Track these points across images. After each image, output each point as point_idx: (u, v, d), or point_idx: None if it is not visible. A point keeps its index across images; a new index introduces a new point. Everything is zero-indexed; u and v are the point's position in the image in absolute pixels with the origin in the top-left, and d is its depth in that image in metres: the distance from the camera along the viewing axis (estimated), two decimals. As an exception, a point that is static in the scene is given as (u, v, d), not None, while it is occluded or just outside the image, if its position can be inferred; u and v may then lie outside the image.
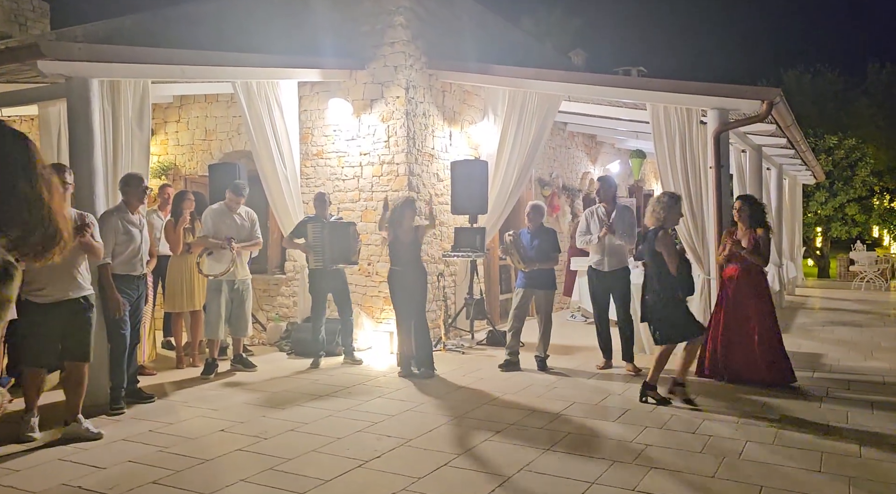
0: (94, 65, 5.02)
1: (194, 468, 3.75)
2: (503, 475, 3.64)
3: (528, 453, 3.99)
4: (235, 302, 6.12)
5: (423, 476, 3.63)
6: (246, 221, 6.23)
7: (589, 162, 12.49)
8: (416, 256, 6.13)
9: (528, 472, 3.68)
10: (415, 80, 7.40)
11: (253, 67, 6.45)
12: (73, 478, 3.59)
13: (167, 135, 8.92)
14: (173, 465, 3.80)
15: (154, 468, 3.75)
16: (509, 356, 6.32)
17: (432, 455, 3.97)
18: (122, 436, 4.33)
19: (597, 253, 6.30)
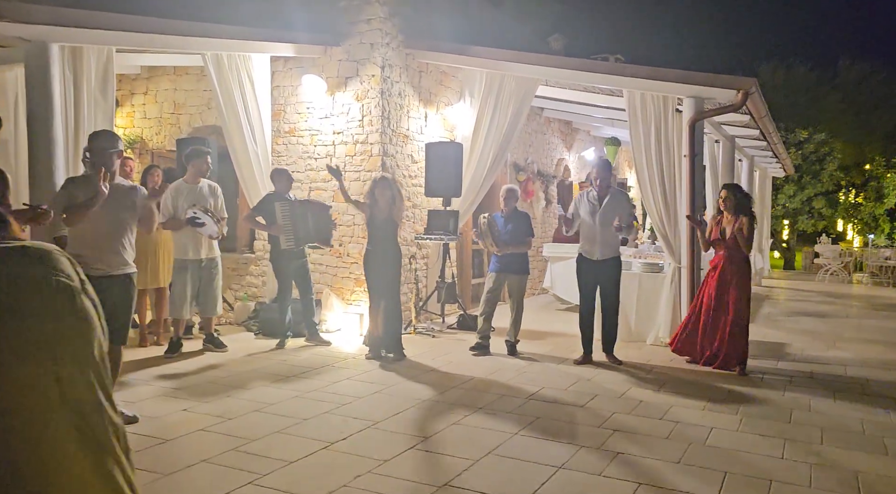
0: (55, 29, 4.81)
1: (155, 447, 3.65)
2: (470, 458, 3.60)
3: (496, 437, 3.96)
4: (204, 280, 5.95)
5: (388, 458, 3.58)
6: (209, 196, 5.94)
7: (564, 148, 12.48)
8: (392, 235, 6.01)
9: (495, 456, 3.66)
10: (391, 58, 7.27)
11: (224, 39, 6.25)
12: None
13: (133, 108, 8.66)
14: (133, 444, 3.67)
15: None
16: (480, 339, 6.29)
17: (399, 437, 3.92)
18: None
19: (587, 240, 5.95)
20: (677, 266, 6.72)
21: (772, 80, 24.53)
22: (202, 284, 5.95)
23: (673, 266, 6.76)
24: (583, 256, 6.00)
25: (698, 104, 6.58)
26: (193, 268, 5.88)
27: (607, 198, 5.92)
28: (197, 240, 5.84)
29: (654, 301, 6.88)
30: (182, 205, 5.71)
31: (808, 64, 25.96)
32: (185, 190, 5.78)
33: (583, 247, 6.01)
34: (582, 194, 6.14)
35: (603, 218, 5.84)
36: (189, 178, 5.85)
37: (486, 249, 6.35)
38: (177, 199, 5.73)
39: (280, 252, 6.28)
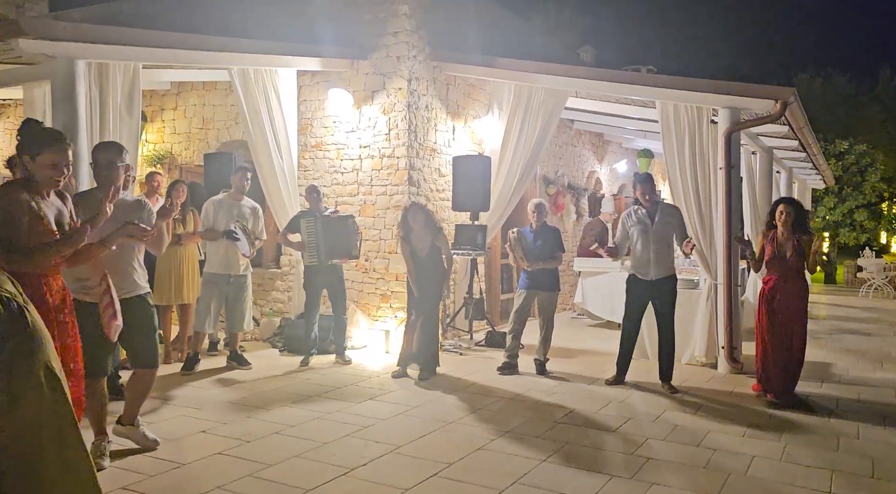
0: (80, 45, 4.82)
1: (169, 472, 3.55)
2: (495, 488, 3.43)
3: (523, 464, 3.78)
4: (231, 296, 5.90)
5: (409, 487, 3.42)
6: (249, 216, 5.96)
7: (595, 160, 12.25)
8: (437, 258, 5.88)
9: (521, 485, 3.47)
10: (418, 71, 7.18)
11: (250, 53, 6.22)
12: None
13: (164, 123, 8.71)
14: (147, 469, 3.60)
15: (126, 471, 3.55)
16: (508, 358, 6.10)
17: (422, 463, 3.76)
18: (99, 435, 4.12)
19: (640, 260, 5.59)
20: (714, 282, 6.46)
21: (809, 90, 23.97)
22: (229, 300, 5.91)
23: (709, 282, 6.50)
24: (636, 277, 5.62)
25: (734, 115, 6.34)
26: (222, 283, 5.84)
27: (658, 214, 5.60)
28: (229, 255, 5.81)
29: (689, 319, 6.61)
30: (222, 219, 5.74)
31: (847, 74, 25.32)
32: (226, 204, 5.82)
33: (635, 267, 5.64)
34: (628, 213, 5.77)
35: (657, 235, 5.53)
36: (233, 194, 5.89)
37: (515, 264, 6.16)
38: (217, 212, 5.77)
39: (308, 267, 6.23)
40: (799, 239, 5.21)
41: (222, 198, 5.91)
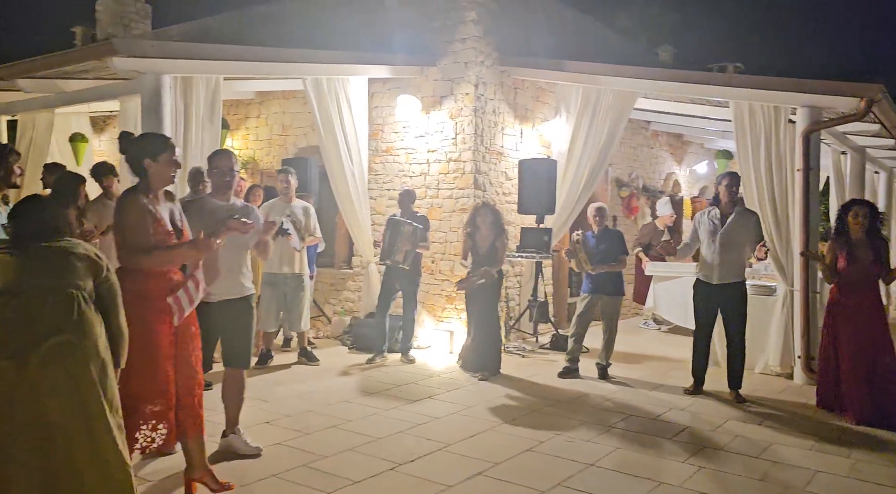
0: (165, 61, 5.22)
1: (231, 460, 3.80)
2: (537, 489, 3.47)
3: (569, 467, 3.80)
4: (289, 296, 6.18)
5: (453, 484, 3.52)
6: (301, 215, 6.22)
7: (674, 162, 11.93)
8: (494, 259, 6.01)
9: (565, 488, 3.50)
10: (485, 76, 7.27)
11: (322, 64, 6.52)
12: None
13: (247, 130, 9.21)
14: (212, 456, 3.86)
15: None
16: (569, 362, 6.09)
17: (469, 462, 3.85)
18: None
19: (706, 263, 5.43)
20: (790, 289, 6.19)
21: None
22: (287, 299, 6.18)
23: (785, 289, 6.23)
24: (701, 281, 5.47)
25: (814, 114, 6.05)
26: (280, 283, 6.13)
27: (732, 217, 5.38)
28: (285, 255, 6.07)
29: (764, 326, 6.36)
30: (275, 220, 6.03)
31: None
32: (278, 206, 6.10)
33: (701, 270, 5.51)
34: (701, 214, 5.61)
35: (724, 238, 5.34)
36: (282, 197, 6.18)
37: (577, 269, 6.14)
38: (269, 214, 6.04)
39: (386, 266, 6.44)
40: (878, 244, 4.92)
41: (274, 201, 6.23)
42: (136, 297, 2.97)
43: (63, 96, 6.54)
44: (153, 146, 3.17)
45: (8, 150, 3.79)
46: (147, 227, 3.06)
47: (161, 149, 3.15)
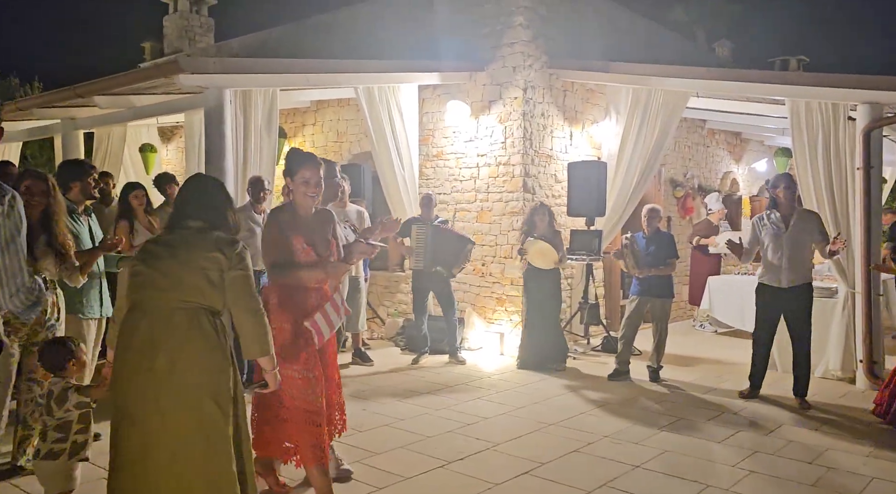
0: (226, 76, 5.50)
1: (290, 454, 4.00)
2: (583, 489, 3.53)
3: (615, 468, 3.84)
4: (347, 297, 6.38)
5: (500, 482, 3.62)
6: (356, 219, 6.41)
7: (731, 161, 11.67)
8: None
9: (610, 488, 3.55)
10: (533, 80, 7.33)
11: (372, 73, 6.72)
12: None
13: (304, 138, 9.52)
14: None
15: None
16: (619, 365, 6.09)
17: (516, 461, 3.94)
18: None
19: (771, 267, 5.31)
20: (851, 291, 6.02)
21: None
22: (356, 304, 6.38)
23: (846, 291, 6.07)
24: (765, 285, 5.36)
25: (875, 110, 5.87)
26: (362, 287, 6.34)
27: (794, 219, 5.28)
28: None
29: (825, 329, 6.19)
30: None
31: None
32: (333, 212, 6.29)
33: (765, 274, 5.40)
34: (759, 218, 5.51)
35: (791, 239, 5.25)
36: (335, 203, 6.37)
37: (625, 270, 6.18)
38: None
39: (415, 271, 6.61)
40: None
41: (329, 206, 6.37)
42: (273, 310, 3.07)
43: (134, 111, 6.93)
44: (290, 164, 3.18)
45: (88, 167, 4.10)
46: (278, 244, 3.09)
47: (296, 168, 3.12)
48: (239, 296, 2.51)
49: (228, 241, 2.55)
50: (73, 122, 7.80)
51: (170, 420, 2.39)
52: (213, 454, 2.42)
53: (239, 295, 2.51)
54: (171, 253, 2.50)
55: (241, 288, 2.51)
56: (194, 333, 2.44)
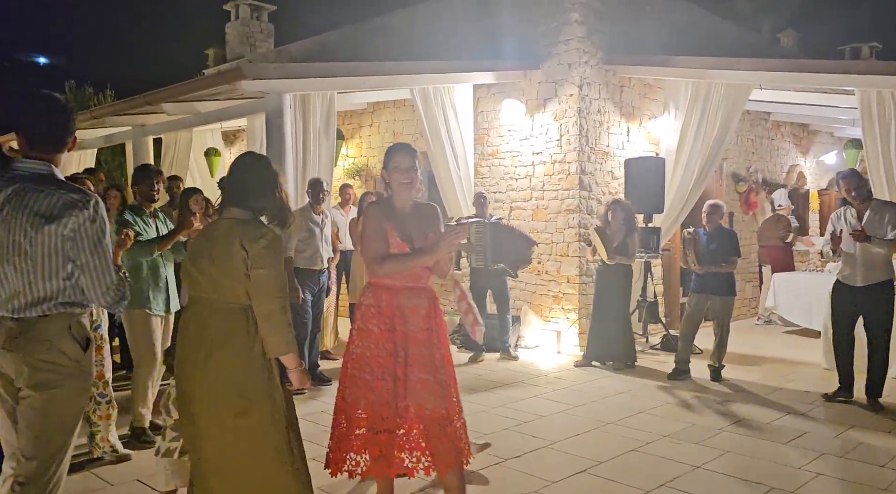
0: (285, 81, 5.66)
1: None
2: (641, 488, 3.51)
3: (675, 468, 3.79)
4: None
5: (556, 480, 3.62)
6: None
7: (798, 153, 11.25)
8: (622, 254, 6.28)
9: (669, 489, 3.51)
10: (589, 76, 7.27)
11: (427, 74, 6.79)
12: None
13: (361, 139, 9.69)
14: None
15: (315, 445, 4.17)
16: (678, 364, 5.99)
17: (573, 459, 3.93)
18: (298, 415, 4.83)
19: (846, 263, 5.17)
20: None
21: None
22: None
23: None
24: (841, 283, 5.19)
25: (952, 98, 5.60)
26: None
27: (868, 213, 5.07)
28: None
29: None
30: None
31: None
32: None
33: (841, 272, 5.22)
34: (837, 215, 5.33)
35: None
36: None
37: (686, 266, 6.08)
38: None
39: (474, 270, 6.64)
40: None
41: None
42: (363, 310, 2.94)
43: (200, 117, 7.23)
44: (385, 156, 3.08)
45: (148, 172, 4.32)
46: (380, 236, 2.91)
47: (389, 157, 3.00)
48: (255, 296, 2.42)
49: (253, 237, 2.43)
50: (142, 129, 8.18)
51: (204, 420, 2.44)
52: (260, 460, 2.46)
53: (255, 294, 2.42)
54: (209, 251, 2.48)
55: (260, 288, 2.41)
56: (228, 333, 2.43)
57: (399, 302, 2.95)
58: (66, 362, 2.26)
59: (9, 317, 2.22)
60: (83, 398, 2.36)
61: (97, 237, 2.27)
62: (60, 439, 2.29)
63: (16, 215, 2.20)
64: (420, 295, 2.99)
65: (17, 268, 2.21)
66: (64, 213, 2.21)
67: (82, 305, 2.31)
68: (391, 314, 2.93)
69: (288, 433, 2.53)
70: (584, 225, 7.13)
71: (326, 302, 6.13)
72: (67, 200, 2.23)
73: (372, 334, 2.94)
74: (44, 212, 2.20)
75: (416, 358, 2.94)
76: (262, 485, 2.46)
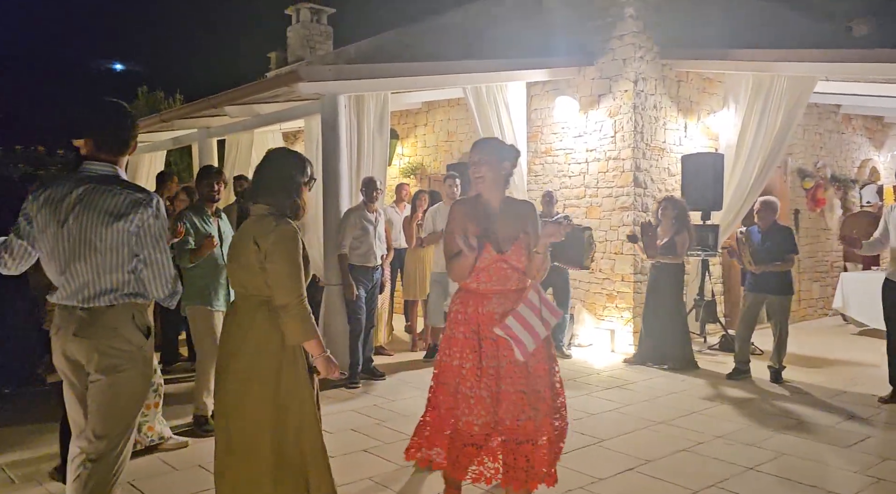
0: (340, 83, 5.81)
1: (400, 442, 4.18)
2: (689, 488, 3.47)
3: (726, 469, 3.73)
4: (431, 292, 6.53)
5: (604, 477, 3.62)
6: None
7: (871, 147, 10.75)
8: (670, 253, 6.21)
9: (719, 489, 3.46)
10: (644, 72, 7.16)
11: (480, 73, 6.82)
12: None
13: (416, 138, 9.82)
14: (384, 438, 4.30)
15: (368, 438, 4.30)
16: (738, 364, 5.85)
17: (622, 457, 3.92)
18: (352, 408, 4.98)
19: (894, 260, 5.03)
20: None
21: None
22: None
23: None
24: (890, 281, 5.05)
25: None
26: (446, 281, 6.49)
27: None
28: None
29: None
30: (439, 224, 6.40)
31: None
32: (442, 211, 6.45)
33: (891, 267, 5.08)
34: (891, 208, 5.18)
35: None
36: (446, 200, 6.54)
37: (740, 266, 5.92)
38: (435, 218, 6.44)
39: None
40: None
41: (439, 205, 6.55)
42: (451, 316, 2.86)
43: (260, 118, 7.49)
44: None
45: (213, 173, 4.53)
46: (456, 236, 2.74)
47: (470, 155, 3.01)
48: (272, 288, 2.45)
49: (264, 232, 2.46)
50: (207, 131, 8.52)
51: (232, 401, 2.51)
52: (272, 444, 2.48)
53: (272, 287, 2.45)
54: (234, 246, 2.59)
55: (274, 281, 2.44)
56: (252, 323, 2.49)
57: (487, 308, 2.78)
58: (130, 348, 2.44)
59: (79, 307, 2.41)
60: (146, 381, 2.54)
61: (159, 233, 2.46)
62: (126, 419, 2.48)
63: (87, 213, 2.40)
64: (511, 299, 2.79)
65: (87, 262, 2.40)
66: (130, 211, 2.41)
67: (143, 296, 2.50)
68: (477, 321, 2.78)
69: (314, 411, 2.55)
70: (638, 222, 7.03)
71: (381, 298, 6.25)
72: (133, 199, 2.43)
73: (458, 342, 2.80)
74: (112, 209, 2.40)
75: (510, 369, 2.74)
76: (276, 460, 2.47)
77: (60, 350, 2.46)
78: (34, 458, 3.88)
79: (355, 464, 3.83)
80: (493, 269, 2.80)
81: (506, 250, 2.79)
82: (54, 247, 2.42)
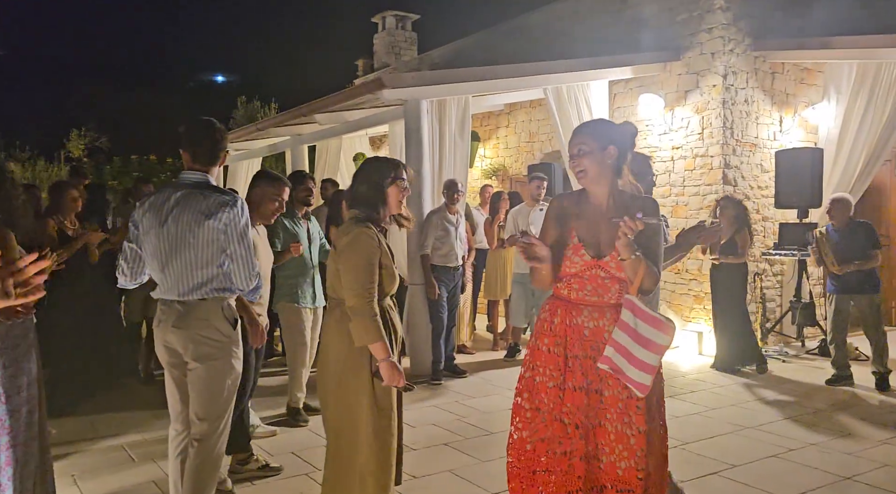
0: (422, 88, 5.96)
1: (479, 438, 4.28)
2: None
3: (818, 478, 3.57)
4: (536, 294, 6.53)
5: (685, 480, 3.54)
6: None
7: None
8: (733, 252, 6.02)
9: (808, 498, 3.32)
10: (734, 65, 6.90)
11: (560, 73, 6.80)
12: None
13: (498, 140, 9.87)
14: (465, 433, 4.39)
15: (449, 433, 4.40)
16: (837, 370, 5.55)
17: (704, 461, 3.83)
18: (434, 404, 5.10)
19: None
20: None
21: None
22: (535, 297, 6.53)
23: None
24: None
25: None
26: (527, 281, 6.50)
27: None
28: None
29: None
30: (521, 225, 6.42)
31: None
32: (523, 212, 6.47)
33: None
34: None
35: None
36: (528, 202, 6.55)
37: (818, 267, 5.63)
38: (516, 219, 6.46)
39: None
40: None
41: (520, 207, 6.55)
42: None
43: (347, 125, 7.78)
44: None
45: (302, 177, 4.76)
46: (547, 236, 2.47)
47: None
48: (343, 290, 2.51)
49: (340, 236, 2.56)
50: (299, 137, 8.93)
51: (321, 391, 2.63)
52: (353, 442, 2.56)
53: (343, 288, 2.51)
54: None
55: (343, 283, 2.51)
56: (331, 322, 2.59)
57: (577, 320, 2.36)
58: (220, 337, 2.70)
59: (176, 301, 2.68)
60: (237, 366, 2.78)
61: (243, 229, 2.70)
62: (223, 402, 2.74)
63: (183, 214, 2.67)
64: (606, 315, 2.33)
65: (182, 258, 2.66)
66: (219, 210, 2.66)
67: (230, 290, 2.75)
68: (564, 333, 2.36)
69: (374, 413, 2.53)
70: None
71: (462, 297, 6.35)
72: (221, 200, 2.69)
73: (541, 355, 2.41)
74: (204, 209, 2.66)
75: (612, 399, 2.29)
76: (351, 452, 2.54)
77: (162, 340, 2.73)
78: (153, 439, 4.22)
79: (436, 457, 3.94)
80: (587, 276, 2.36)
81: (605, 255, 2.34)
82: (156, 246, 2.69)
